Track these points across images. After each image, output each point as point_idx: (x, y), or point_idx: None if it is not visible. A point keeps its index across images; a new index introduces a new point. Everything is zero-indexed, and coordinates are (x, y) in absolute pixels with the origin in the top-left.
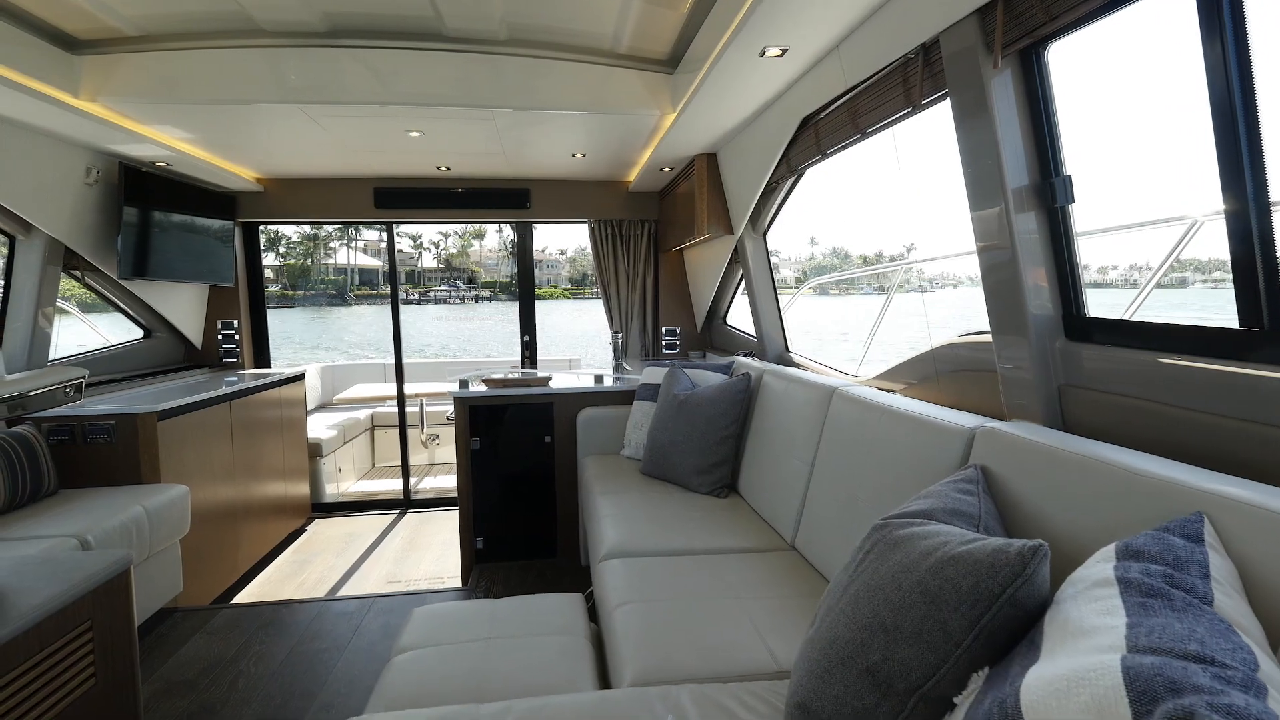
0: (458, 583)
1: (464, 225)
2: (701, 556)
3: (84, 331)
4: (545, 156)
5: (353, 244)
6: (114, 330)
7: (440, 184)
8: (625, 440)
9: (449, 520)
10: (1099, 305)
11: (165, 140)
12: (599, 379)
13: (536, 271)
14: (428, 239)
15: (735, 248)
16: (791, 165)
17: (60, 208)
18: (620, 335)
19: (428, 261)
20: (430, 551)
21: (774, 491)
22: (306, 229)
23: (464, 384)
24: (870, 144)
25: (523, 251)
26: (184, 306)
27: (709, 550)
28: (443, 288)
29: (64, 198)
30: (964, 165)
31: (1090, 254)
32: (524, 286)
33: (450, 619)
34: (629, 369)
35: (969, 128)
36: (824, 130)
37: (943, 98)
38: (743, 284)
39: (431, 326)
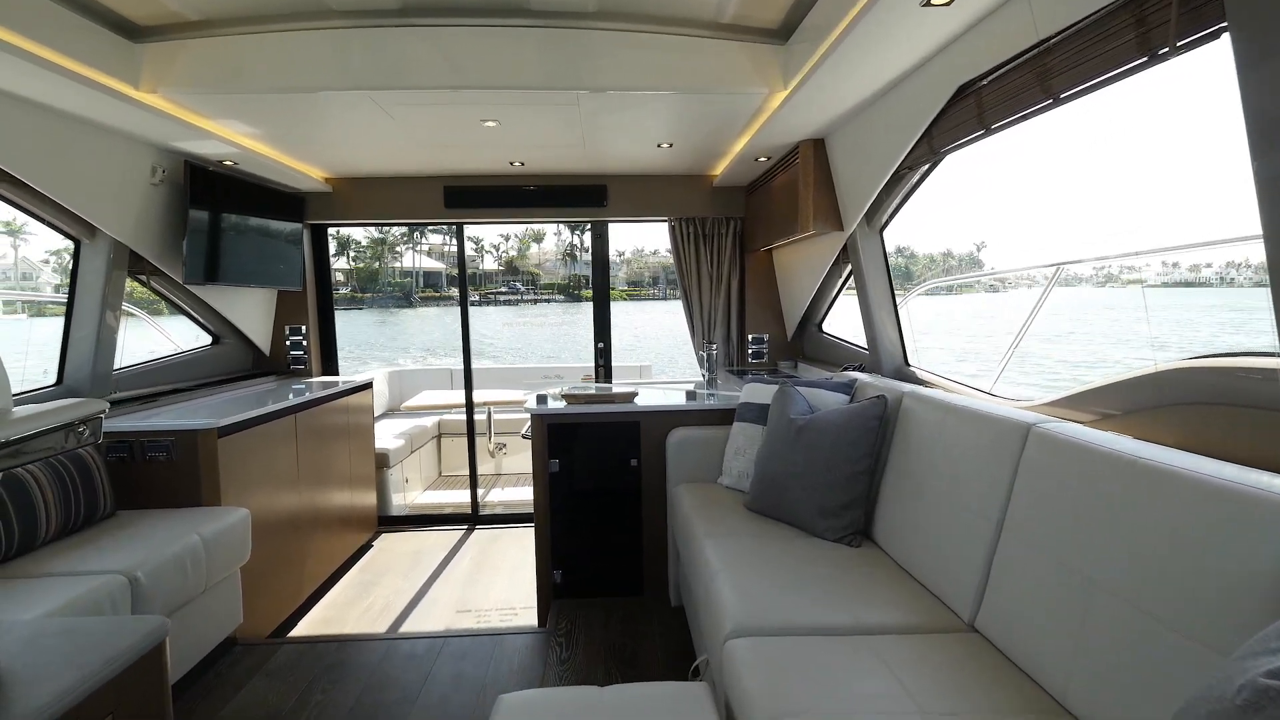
0: (532, 615)
1: (524, 228)
2: (855, 638)
3: (156, 338)
4: (628, 148)
5: (418, 247)
6: (185, 336)
7: (512, 181)
8: (724, 467)
9: (518, 539)
10: None
11: (230, 136)
12: (691, 395)
13: (591, 272)
14: (488, 242)
15: (845, 246)
16: (934, 146)
17: (125, 209)
18: (714, 346)
19: (488, 264)
20: (500, 575)
21: (933, 549)
22: (374, 232)
23: (542, 399)
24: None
25: (599, 252)
26: (252, 312)
27: (862, 629)
28: (503, 290)
29: (129, 199)
30: (1254, 127)
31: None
32: (599, 289)
33: (544, 715)
34: (716, 383)
35: (1268, 72)
36: (991, 100)
37: (1209, 36)
38: (841, 289)
39: (494, 330)
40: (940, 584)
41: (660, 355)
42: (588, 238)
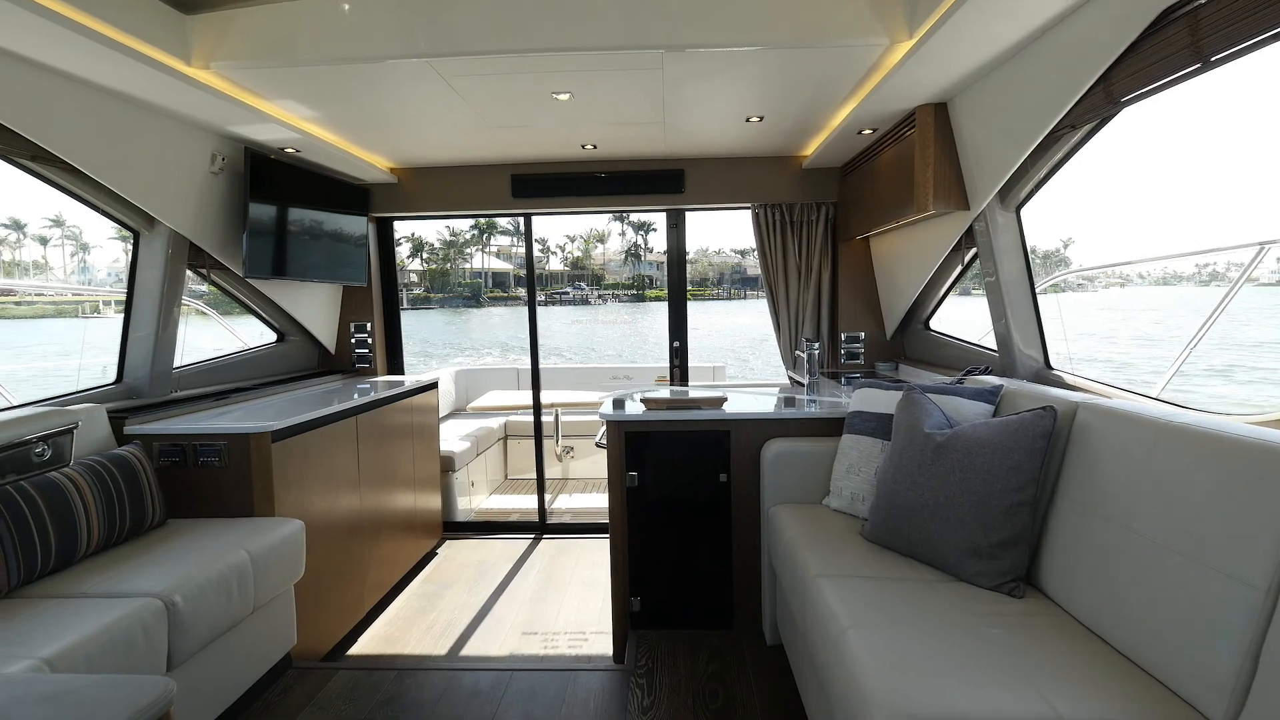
0: (604, 642)
1: (589, 228)
2: None
3: (225, 336)
4: (711, 124)
5: (487, 249)
6: (254, 335)
7: (583, 168)
8: (832, 486)
9: (588, 551)
10: None
11: (288, 119)
12: (788, 401)
13: (654, 271)
14: (554, 243)
15: (970, 229)
16: (1114, 93)
17: (184, 199)
18: (815, 345)
19: (554, 265)
20: (569, 592)
21: (1150, 617)
22: (446, 233)
23: (619, 403)
24: None
25: (674, 244)
26: (316, 309)
27: None
28: (567, 290)
29: (188, 188)
30: None
31: None
32: (674, 285)
33: None
34: (818, 388)
35: None
36: (1214, 20)
37: None
38: (959, 279)
39: (562, 328)
40: (1166, 665)
41: (724, 357)
42: (652, 238)
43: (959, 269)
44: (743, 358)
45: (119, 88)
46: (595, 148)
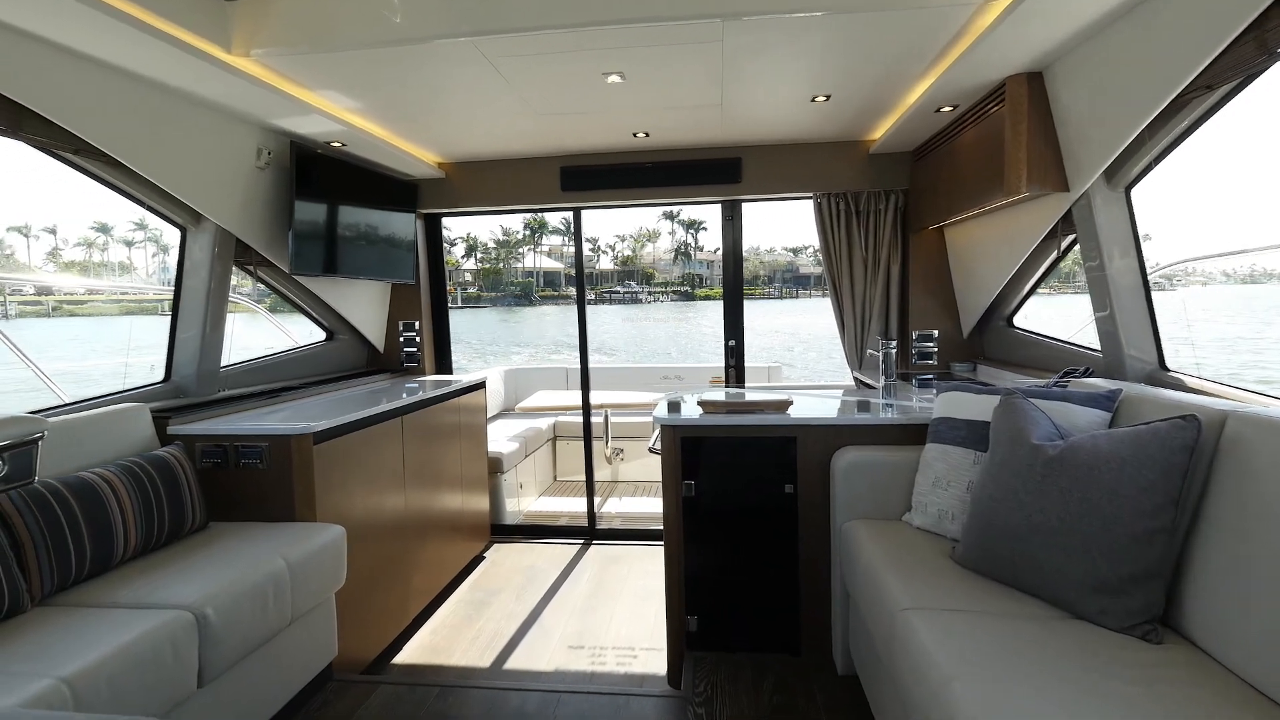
0: (655, 659)
1: (638, 226)
2: None
3: (276, 335)
4: (772, 106)
5: (538, 248)
6: (306, 333)
7: (634, 158)
8: (914, 502)
9: (639, 559)
10: None
11: (333, 110)
12: (862, 406)
13: (705, 270)
14: (604, 242)
15: (1068, 214)
16: (1269, 42)
17: (230, 194)
18: (893, 344)
19: (604, 264)
20: (620, 603)
21: None
22: (499, 233)
23: (674, 406)
24: None
25: (730, 237)
26: (365, 306)
27: None
28: (617, 289)
29: (234, 183)
30: None
31: None
32: (731, 280)
33: None
34: (894, 390)
35: None
36: None
37: None
38: (1051, 270)
39: (614, 326)
40: None
41: (777, 357)
42: (702, 237)
43: (1053, 257)
44: (796, 358)
45: (158, 77)
46: (647, 136)
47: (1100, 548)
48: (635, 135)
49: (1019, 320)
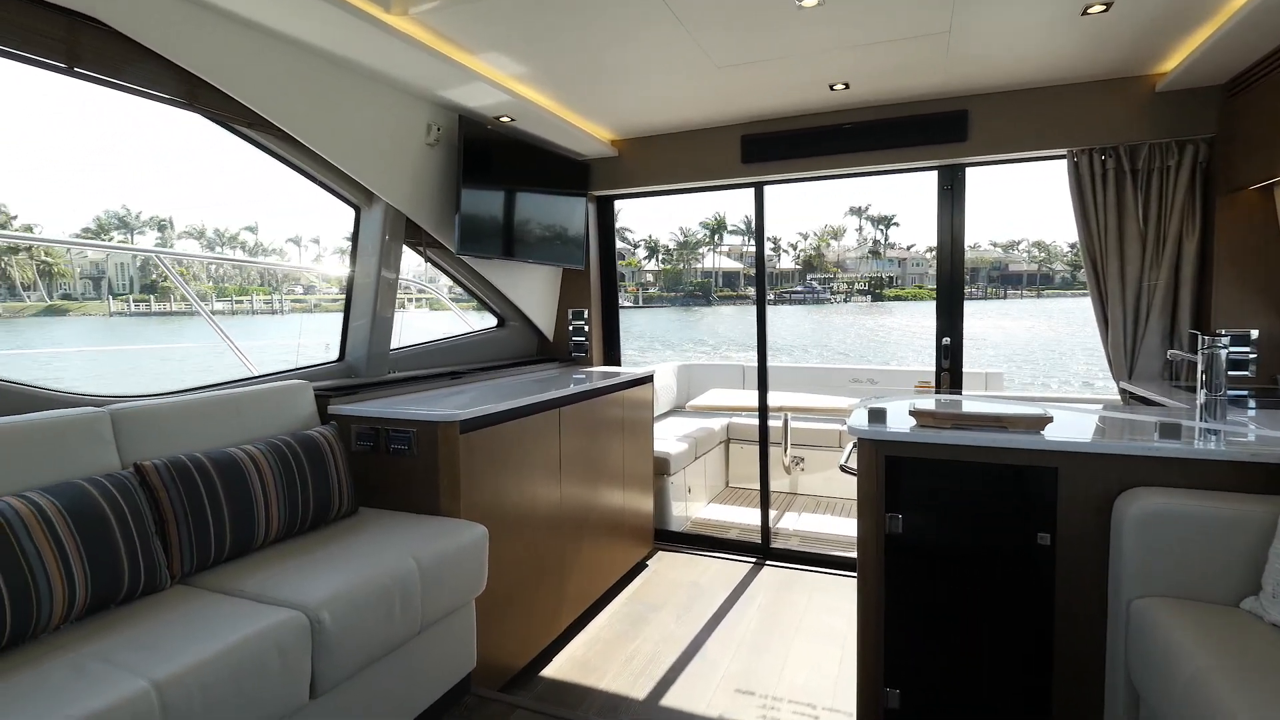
0: None
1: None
2: None
3: (454, 321)
4: (1025, 27)
5: (717, 249)
6: (484, 322)
7: (828, 119)
8: (1267, 582)
9: (819, 588)
10: None
11: (497, 77)
12: (1169, 430)
13: (895, 270)
14: (786, 240)
15: None
16: None
17: (400, 173)
18: (1223, 339)
19: (785, 263)
20: (796, 643)
21: None
22: (679, 235)
23: (876, 415)
24: None
25: (949, 214)
26: (534, 292)
27: None
28: (798, 288)
29: (404, 161)
30: None
31: None
32: (947, 268)
33: None
34: (1216, 411)
35: None
36: None
37: None
38: None
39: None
40: None
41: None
42: (892, 233)
43: None
44: (1008, 364)
45: (321, 44)
46: (846, 88)
47: None
48: (832, 88)
49: None
